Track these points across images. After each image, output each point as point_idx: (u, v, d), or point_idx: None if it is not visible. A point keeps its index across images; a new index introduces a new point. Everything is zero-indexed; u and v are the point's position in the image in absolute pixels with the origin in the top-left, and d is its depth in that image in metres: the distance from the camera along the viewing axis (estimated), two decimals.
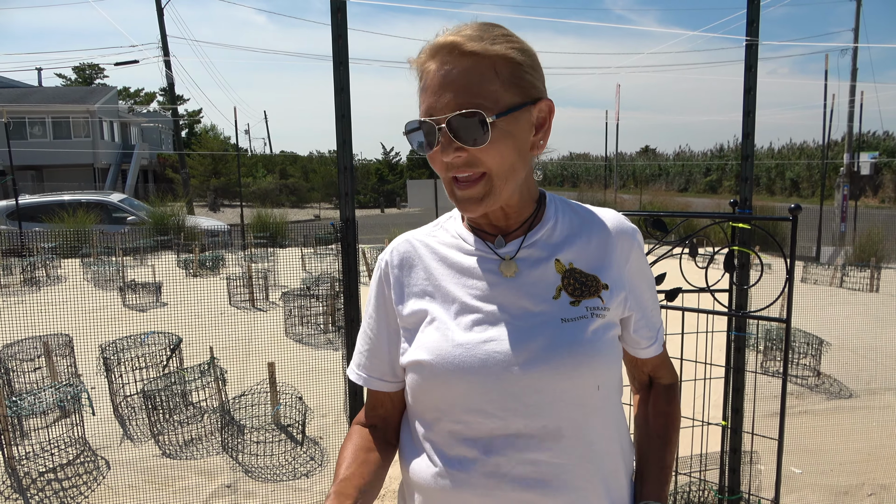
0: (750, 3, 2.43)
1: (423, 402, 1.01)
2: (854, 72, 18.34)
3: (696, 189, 39.81)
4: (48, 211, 14.30)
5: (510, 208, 1.02)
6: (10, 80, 34.91)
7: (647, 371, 1.15)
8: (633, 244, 1.05)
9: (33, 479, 3.57)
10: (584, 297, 0.98)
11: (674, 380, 1.16)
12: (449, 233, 1.07)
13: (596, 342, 0.96)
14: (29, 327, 5.72)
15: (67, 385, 4.04)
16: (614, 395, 1.02)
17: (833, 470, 3.59)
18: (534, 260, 1.01)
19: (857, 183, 17.58)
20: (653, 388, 1.15)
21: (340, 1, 2.25)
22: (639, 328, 1.07)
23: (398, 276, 1.06)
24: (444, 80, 0.91)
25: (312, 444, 4.01)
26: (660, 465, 1.07)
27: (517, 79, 0.94)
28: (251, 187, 32.95)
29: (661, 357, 1.13)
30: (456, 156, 0.92)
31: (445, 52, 0.92)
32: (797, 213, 2.09)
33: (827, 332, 5.64)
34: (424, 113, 0.93)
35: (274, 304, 8.03)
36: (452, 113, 0.90)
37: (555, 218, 1.04)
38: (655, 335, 1.09)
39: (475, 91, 0.90)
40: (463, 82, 0.90)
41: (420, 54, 0.96)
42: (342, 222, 2.37)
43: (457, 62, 0.91)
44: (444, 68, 0.91)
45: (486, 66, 0.91)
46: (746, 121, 2.48)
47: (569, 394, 0.94)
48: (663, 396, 1.14)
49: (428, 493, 1.00)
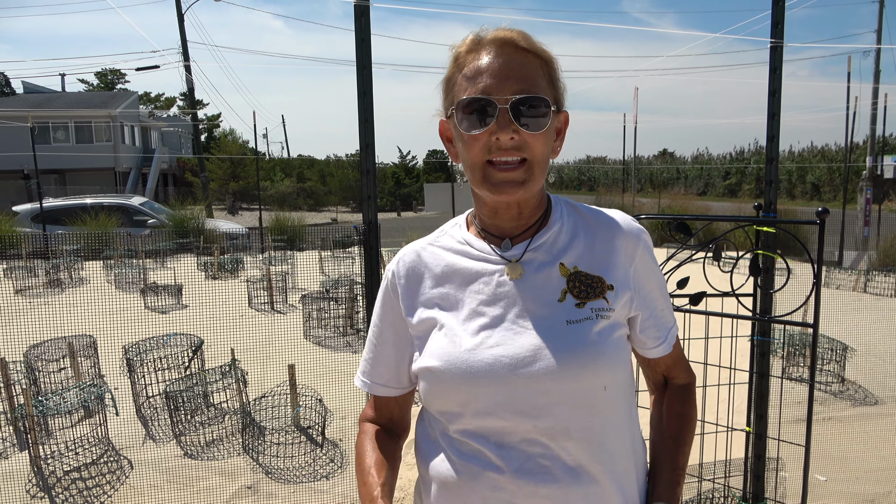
0: (775, 5, 2.41)
1: (435, 406, 1.03)
2: (877, 74, 18.10)
3: (715, 193, 39.41)
4: (71, 214, 14.52)
5: (525, 206, 1.04)
6: (35, 85, 35.52)
7: (660, 371, 1.15)
8: (638, 244, 1.06)
9: (58, 477, 3.62)
10: (589, 299, 1.00)
11: (689, 380, 1.16)
12: (455, 239, 1.09)
13: (601, 343, 0.98)
14: (54, 328, 5.82)
15: (91, 385, 4.10)
16: (622, 394, 1.02)
17: (859, 478, 3.53)
18: (539, 263, 1.03)
19: (881, 186, 17.30)
20: (668, 389, 1.16)
21: (364, 6, 2.27)
22: (646, 328, 1.07)
23: (406, 287, 1.09)
24: (504, 66, 0.96)
25: (332, 447, 4.03)
26: (672, 466, 1.08)
27: (555, 82, 1.01)
28: (269, 191, 33.20)
29: (674, 357, 1.13)
30: (510, 137, 0.94)
31: (500, 43, 0.97)
32: (825, 217, 2.06)
33: (851, 338, 5.55)
34: (481, 92, 0.96)
35: (293, 306, 8.08)
36: (519, 95, 0.94)
37: (560, 221, 1.06)
38: (664, 335, 1.09)
39: (535, 82, 0.97)
40: (524, 72, 0.96)
41: (462, 43, 1.00)
42: (365, 225, 2.38)
43: (514, 55, 0.97)
44: (502, 58, 0.96)
45: (537, 65, 0.98)
46: (771, 123, 2.45)
47: (576, 395, 0.96)
48: (678, 397, 1.14)
49: (444, 488, 1.02)
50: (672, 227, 2.25)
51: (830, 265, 10.96)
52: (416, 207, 35.67)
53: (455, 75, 1.00)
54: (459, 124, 0.98)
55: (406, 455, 3.93)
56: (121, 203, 15.84)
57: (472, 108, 0.96)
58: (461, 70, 0.99)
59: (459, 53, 1.00)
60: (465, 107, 0.97)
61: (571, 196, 1.15)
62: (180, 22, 25.50)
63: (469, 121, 0.97)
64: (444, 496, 1.02)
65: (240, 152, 37.63)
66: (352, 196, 36.31)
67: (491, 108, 0.95)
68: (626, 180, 33.59)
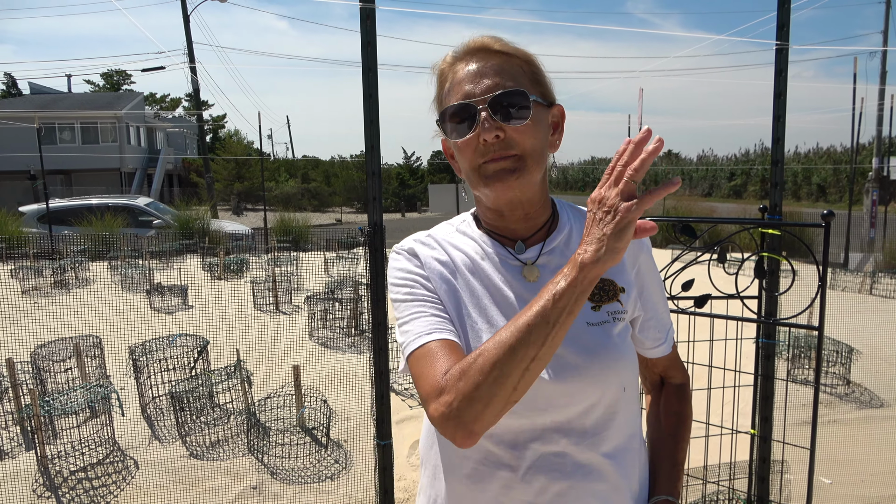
0: (781, 7, 2.41)
1: None
2: (883, 75, 18.02)
3: (720, 194, 39.33)
4: (77, 214, 14.57)
5: (531, 208, 1.03)
6: (42, 86, 35.69)
7: (658, 371, 1.19)
8: (641, 246, 1.07)
9: (64, 477, 3.64)
10: (603, 302, 1.02)
11: (685, 380, 1.19)
12: (468, 235, 1.09)
13: (620, 345, 1.00)
14: (60, 329, 5.84)
15: (97, 386, 4.12)
16: (635, 394, 1.06)
17: (864, 481, 3.52)
18: (554, 266, 1.03)
19: (887, 188, 17.23)
20: (664, 388, 1.19)
21: (370, 8, 2.27)
22: (646, 328, 1.10)
23: (431, 268, 1.04)
24: (479, 70, 0.98)
25: (336, 448, 4.04)
26: (672, 463, 1.11)
27: (538, 79, 1.02)
28: (274, 191, 33.29)
29: (671, 357, 1.16)
30: (495, 135, 0.95)
31: (474, 51, 1.00)
32: (830, 220, 2.06)
33: (856, 340, 5.53)
34: (462, 99, 0.98)
35: (298, 307, 8.10)
36: (495, 92, 0.96)
37: (570, 224, 1.07)
38: (664, 336, 1.12)
39: (513, 79, 0.98)
40: (499, 70, 0.98)
41: (443, 61, 1.03)
42: (370, 227, 2.39)
43: (489, 59, 0.99)
44: (478, 64, 0.99)
45: (514, 64, 1.00)
46: (776, 125, 2.45)
47: (595, 395, 0.98)
48: (675, 396, 1.17)
49: (455, 489, 1.03)
50: (677, 229, 2.26)
51: (836, 267, 10.92)
52: (421, 208, 35.70)
53: (440, 91, 1.04)
54: (450, 135, 1.01)
55: (410, 456, 3.94)
56: (126, 204, 15.89)
57: (456, 116, 0.98)
58: (444, 85, 1.02)
59: (442, 71, 1.03)
60: (451, 117, 0.99)
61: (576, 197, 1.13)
62: (186, 23, 25.58)
63: (457, 130, 0.99)
64: (455, 496, 1.03)
65: (245, 153, 37.73)
66: (356, 197, 36.38)
67: (472, 112, 0.96)
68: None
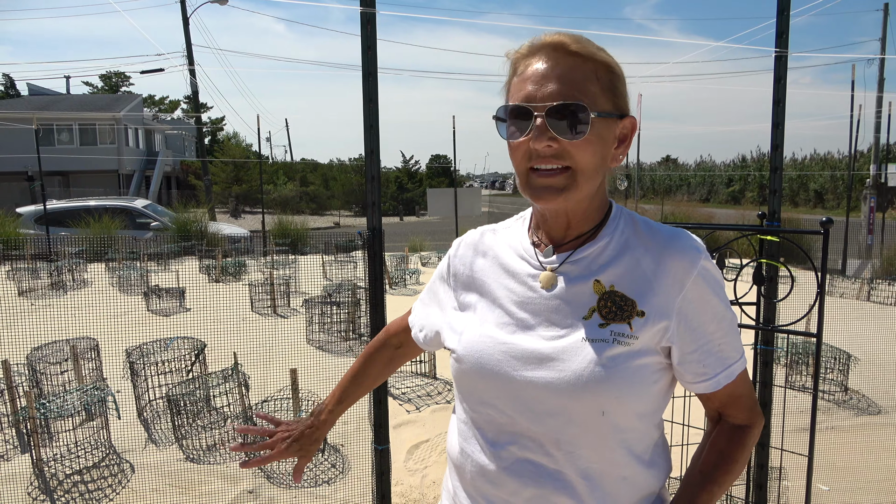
0: (780, 15, 2.42)
1: (455, 382, 1.10)
2: (881, 82, 18.10)
3: (718, 200, 39.39)
4: (74, 216, 14.54)
5: (574, 217, 1.02)
6: (40, 87, 35.67)
7: (713, 406, 1.08)
8: (691, 271, 0.97)
9: (60, 480, 3.62)
10: (613, 322, 0.97)
11: (749, 423, 1.06)
12: (514, 233, 1.11)
13: (610, 368, 0.94)
14: (56, 331, 5.82)
15: (94, 388, 4.10)
16: (626, 423, 0.97)
17: (862, 488, 3.52)
18: (574, 276, 1.01)
19: (885, 195, 17.29)
20: (719, 424, 1.08)
21: (370, 13, 2.28)
22: (687, 362, 1.00)
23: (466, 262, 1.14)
24: (547, 72, 0.94)
25: (334, 452, 4.03)
26: (688, 501, 1.01)
27: (613, 87, 0.98)
28: (272, 194, 33.27)
29: (730, 395, 1.04)
30: (547, 145, 0.93)
31: (550, 49, 0.96)
32: (829, 227, 2.06)
33: (854, 347, 5.53)
34: (522, 100, 0.95)
35: (295, 310, 8.08)
36: (555, 102, 0.92)
37: (610, 236, 1.02)
38: (712, 373, 1.00)
39: (578, 87, 0.94)
40: (567, 77, 0.94)
41: (519, 49, 1.00)
42: (369, 231, 2.39)
43: (562, 60, 0.95)
44: (549, 63, 0.95)
45: (588, 69, 0.95)
46: (775, 133, 2.45)
47: (571, 412, 0.96)
48: (726, 434, 1.06)
49: (454, 465, 1.11)
50: None
51: (834, 273, 10.94)
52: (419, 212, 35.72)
53: (510, 81, 1.01)
54: (504, 130, 0.99)
55: (407, 461, 3.93)
56: (124, 206, 15.87)
57: (513, 115, 0.96)
58: (512, 77, 1.00)
59: (516, 59, 1.00)
60: (508, 114, 0.97)
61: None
62: (185, 25, 25.59)
63: (512, 127, 0.97)
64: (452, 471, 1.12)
65: (243, 156, 37.72)
66: (355, 200, 36.39)
67: (529, 116, 0.94)
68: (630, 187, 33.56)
